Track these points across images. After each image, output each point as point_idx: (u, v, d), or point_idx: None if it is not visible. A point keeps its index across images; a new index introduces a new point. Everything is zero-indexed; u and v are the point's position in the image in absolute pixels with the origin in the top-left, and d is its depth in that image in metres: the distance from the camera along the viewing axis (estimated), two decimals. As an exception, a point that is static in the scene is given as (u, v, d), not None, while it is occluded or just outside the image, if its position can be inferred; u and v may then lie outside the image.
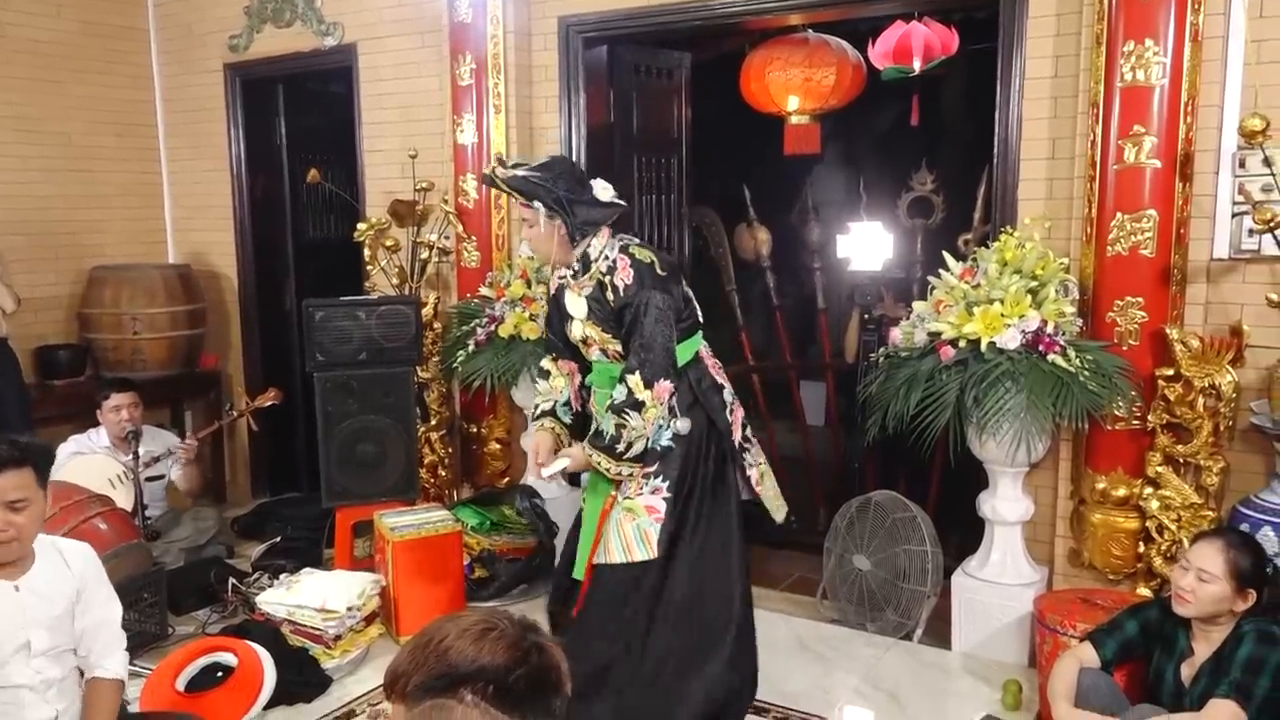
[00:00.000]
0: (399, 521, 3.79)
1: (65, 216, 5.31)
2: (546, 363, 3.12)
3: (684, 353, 2.82)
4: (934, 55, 3.95)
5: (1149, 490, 3.17)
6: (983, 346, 3.12)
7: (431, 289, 4.68)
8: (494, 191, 4.41)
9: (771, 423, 5.79)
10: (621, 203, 2.88)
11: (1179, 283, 3.13)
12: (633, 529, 2.78)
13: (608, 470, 2.76)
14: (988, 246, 3.38)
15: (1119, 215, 3.14)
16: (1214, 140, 3.11)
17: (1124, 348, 3.17)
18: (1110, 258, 3.17)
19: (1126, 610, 2.71)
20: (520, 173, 2.81)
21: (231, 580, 4.02)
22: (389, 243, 4.54)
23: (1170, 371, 3.08)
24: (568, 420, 3.04)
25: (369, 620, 3.55)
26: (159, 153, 5.75)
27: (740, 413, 2.97)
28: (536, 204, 2.80)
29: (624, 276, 2.77)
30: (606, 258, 2.80)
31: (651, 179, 4.66)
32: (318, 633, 3.38)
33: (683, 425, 2.78)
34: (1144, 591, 3.19)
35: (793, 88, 4.75)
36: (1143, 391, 3.15)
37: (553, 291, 2.99)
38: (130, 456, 4.16)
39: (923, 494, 4.59)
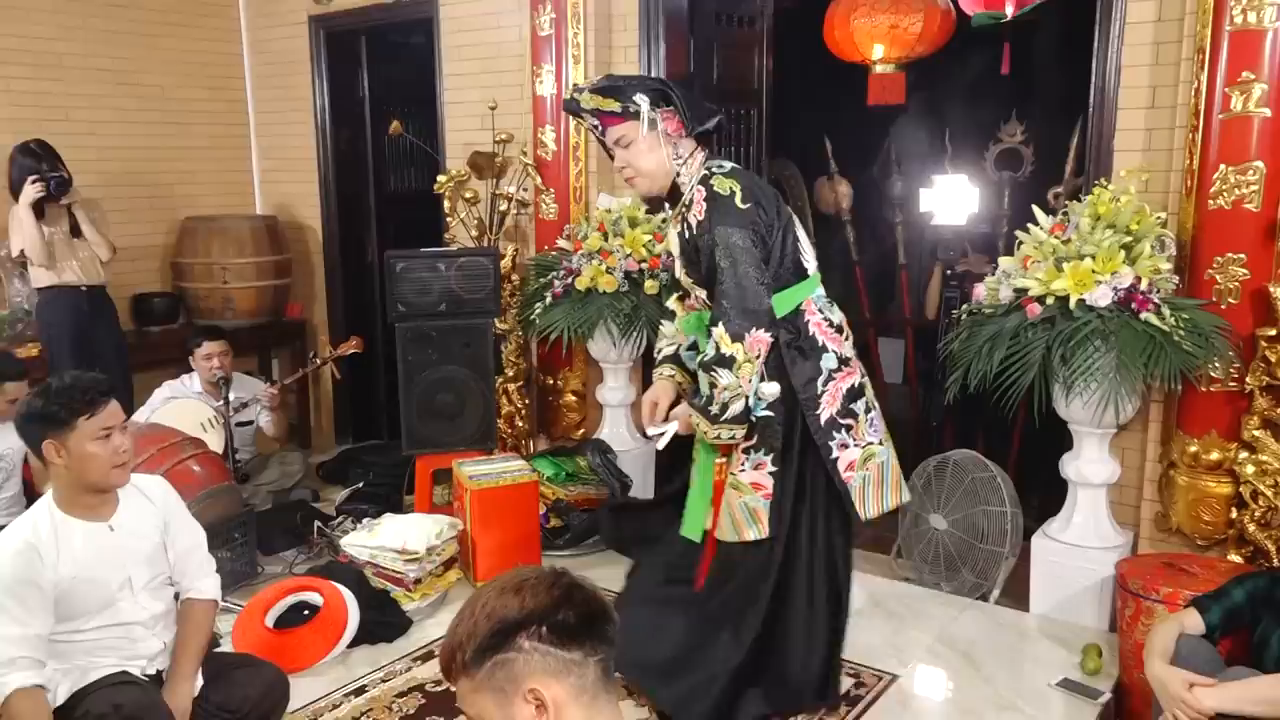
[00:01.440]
0: (477, 470, 3.86)
1: (160, 168, 5.46)
2: (671, 302, 2.87)
3: (781, 304, 2.55)
4: (1028, 1, 3.80)
5: (1244, 455, 3.06)
6: (1072, 304, 3.03)
7: (510, 241, 4.71)
8: (573, 143, 4.41)
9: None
10: (718, 111, 2.60)
11: (1285, 239, 2.98)
12: (741, 507, 2.63)
13: (704, 435, 2.56)
14: (1079, 200, 3.26)
15: (1222, 167, 2.99)
16: (1330, 87, 2.94)
17: (1223, 306, 3.04)
18: (1211, 212, 3.03)
19: (1234, 579, 2.62)
20: (604, 81, 2.61)
21: (317, 523, 4.15)
22: (468, 195, 4.57)
23: (1272, 331, 2.95)
24: (694, 367, 2.68)
25: (448, 565, 3.63)
26: (247, 105, 5.86)
27: (847, 380, 2.64)
28: (638, 99, 2.51)
29: (697, 212, 2.52)
30: (692, 187, 2.55)
31: (731, 131, 4.59)
32: (399, 575, 3.47)
33: (769, 389, 2.55)
34: (1234, 558, 3.09)
35: (878, 35, 4.62)
36: (1241, 352, 3.02)
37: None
38: (221, 402, 4.30)
39: (1003, 454, 4.50)
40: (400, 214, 5.79)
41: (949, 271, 5.11)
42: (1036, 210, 3.30)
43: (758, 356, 2.47)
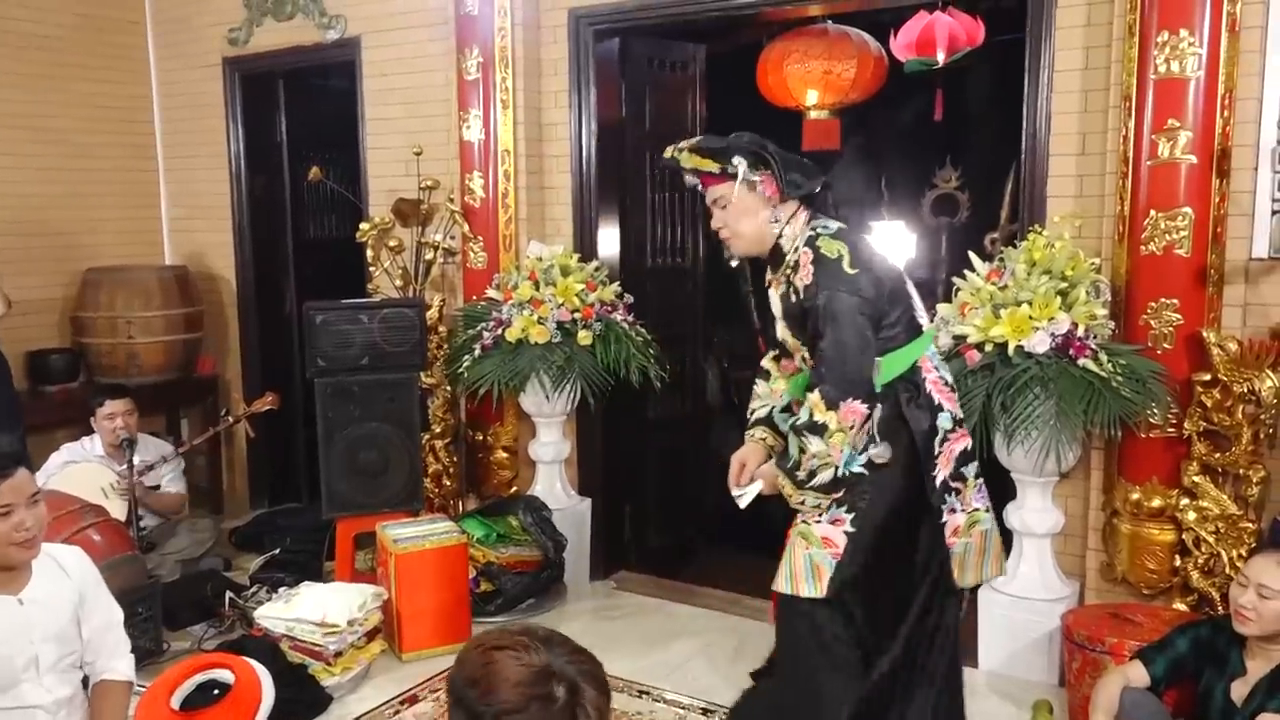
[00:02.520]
0: (402, 533, 3.80)
1: (59, 216, 5.35)
2: (767, 361, 2.89)
3: (892, 365, 2.55)
4: (959, 47, 3.95)
5: (1185, 501, 3.16)
6: (1010, 350, 3.12)
7: (436, 291, 4.69)
8: (502, 190, 4.43)
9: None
10: (821, 171, 2.62)
11: (1216, 284, 3.12)
12: (804, 559, 2.58)
13: (790, 498, 2.57)
14: (1015, 246, 3.37)
15: (1153, 213, 3.13)
16: (1252, 135, 3.10)
17: (1158, 351, 3.16)
18: (1144, 257, 3.16)
19: (1177, 628, 2.69)
20: (704, 142, 2.62)
21: (228, 594, 4.04)
22: (392, 243, 4.55)
23: (1207, 376, 3.07)
24: (785, 429, 2.69)
25: (371, 636, 3.55)
26: (156, 150, 5.79)
27: (960, 444, 2.63)
28: (736, 161, 2.53)
29: (804, 275, 2.52)
30: (796, 249, 2.57)
31: (664, 177, 4.66)
32: (318, 648, 3.39)
33: (880, 452, 2.52)
34: (1180, 606, 3.17)
35: (812, 81, 4.76)
36: (1178, 398, 3.14)
37: (767, 283, 2.75)
38: (124, 465, 4.18)
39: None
40: (320, 263, 5.73)
41: (889, 319, 5.20)
42: (973, 256, 3.40)
43: (851, 427, 2.46)
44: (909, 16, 4.09)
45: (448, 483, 4.63)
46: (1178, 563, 3.20)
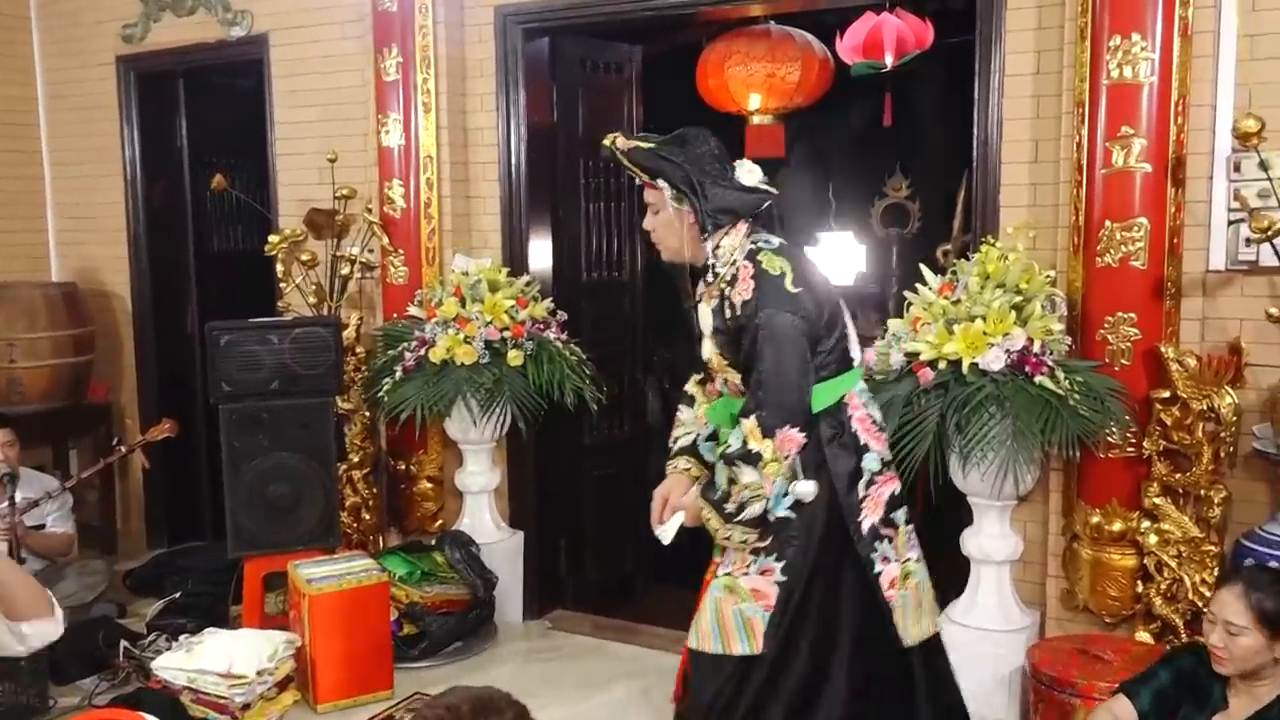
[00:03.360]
0: (316, 572, 3.74)
1: (-69, 229, 5.21)
2: (691, 386, 2.89)
3: (819, 397, 2.54)
4: (907, 50, 4.04)
5: (1146, 524, 3.23)
6: (964, 368, 3.17)
7: (353, 309, 4.65)
8: (424, 199, 4.41)
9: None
10: (768, 189, 2.66)
11: (1173, 297, 3.21)
12: (734, 614, 2.55)
13: (715, 533, 2.54)
14: (968, 258, 3.43)
15: (1108, 224, 3.21)
16: (1207, 143, 3.21)
17: (1116, 368, 3.23)
18: (1099, 269, 3.24)
19: (1160, 659, 2.72)
20: (644, 145, 2.64)
21: (123, 643, 3.93)
22: (305, 257, 4.50)
23: (1166, 394, 3.15)
24: (712, 459, 2.67)
25: (282, 686, 3.49)
26: (41, 157, 5.67)
27: (889, 488, 2.64)
28: (661, 182, 2.60)
29: (743, 290, 2.53)
30: (733, 263, 2.58)
31: (600, 185, 4.68)
32: (223, 701, 3.33)
33: (805, 488, 2.52)
34: (1143, 635, 3.24)
35: (754, 85, 4.82)
36: (1137, 416, 3.22)
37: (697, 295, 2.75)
38: (4, 503, 4.06)
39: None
40: (225, 279, 5.65)
41: (838, 335, 5.27)
42: (924, 269, 3.46)
43: (786, 457, 2.46)
44: (855, 18, 4.17)
45: (367, 516, 4.57)
46: (1140, 589, 3.27)
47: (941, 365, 3.21)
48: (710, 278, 2.65)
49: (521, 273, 4.41)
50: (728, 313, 2.59)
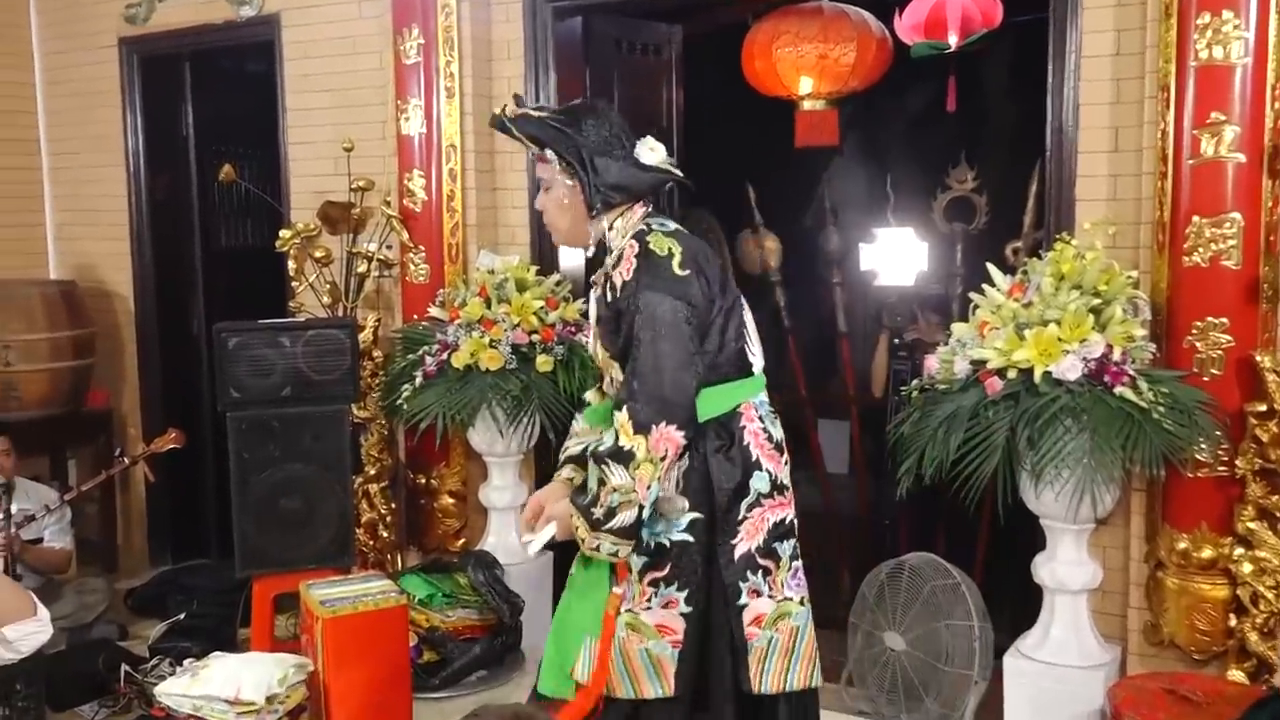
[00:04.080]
0: (330, 593, 3.76)
1: (-77, 223, 5.31)
2: (591, 394, 2.87)
3: (708, 403, 2.51)
4: (973, 29, 4.00)
5: (1240, 551, 3.18)
6: (1036, 377, 3.14)
7: (371, 309, 4.68)
8: (447, 191, 4.43)
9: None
10: (671, 170, 2.63)
11: (1270, 300, 3.16)
12: (641, 655, 2.52)
13: (582, 542, 2.47)
14: (1040, 256, 3.41)
15: (1196, 219, 3.17)
16: (1308, 130, 3.16)
17: (1205, 378, 3.19)
18: (1187, 270, 3.20)
19: (1255, 703, 2.68)
20: (534, 114, 2.60)
21: (124, 667, 3.98)
22: (319, 253, 4.54)
23: (1262, 407, 3.10)
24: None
25: (294, 715, 3.51)
26: (39, 146, 5.76)
27: (777, 514, 2.60)
28: (550, 155, 2.57)
29: (624, 270, 2.49)
30: (632, 245, 2.53)
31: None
32: (230, 731, 3.34)
33: (680, 505, 2.48)
34: (1236, 674, 3.20)
35: (805, 67, 4.80)
36: (1229, 431, 3.17)
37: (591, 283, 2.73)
38: (0, 516, 4.13)
39: (967, 557, 4.58)
40: (234, 277, 5.71)
41: (897, 340, 5.25)
42: (992, 269, 3.43)
43: (663, 458, 2.39)
44: (916, -7, 4.14)
45: (384, 534, 4.60)
46: (1233, 623, 3.22)
47: (1011, 374, 3.19)
48: (602, 262, 2.63)
49: (552, 271, 4.43)
50: (609, 296, 2.54)
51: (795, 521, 2.69)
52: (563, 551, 4.50)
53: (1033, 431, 3.11)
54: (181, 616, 4.56)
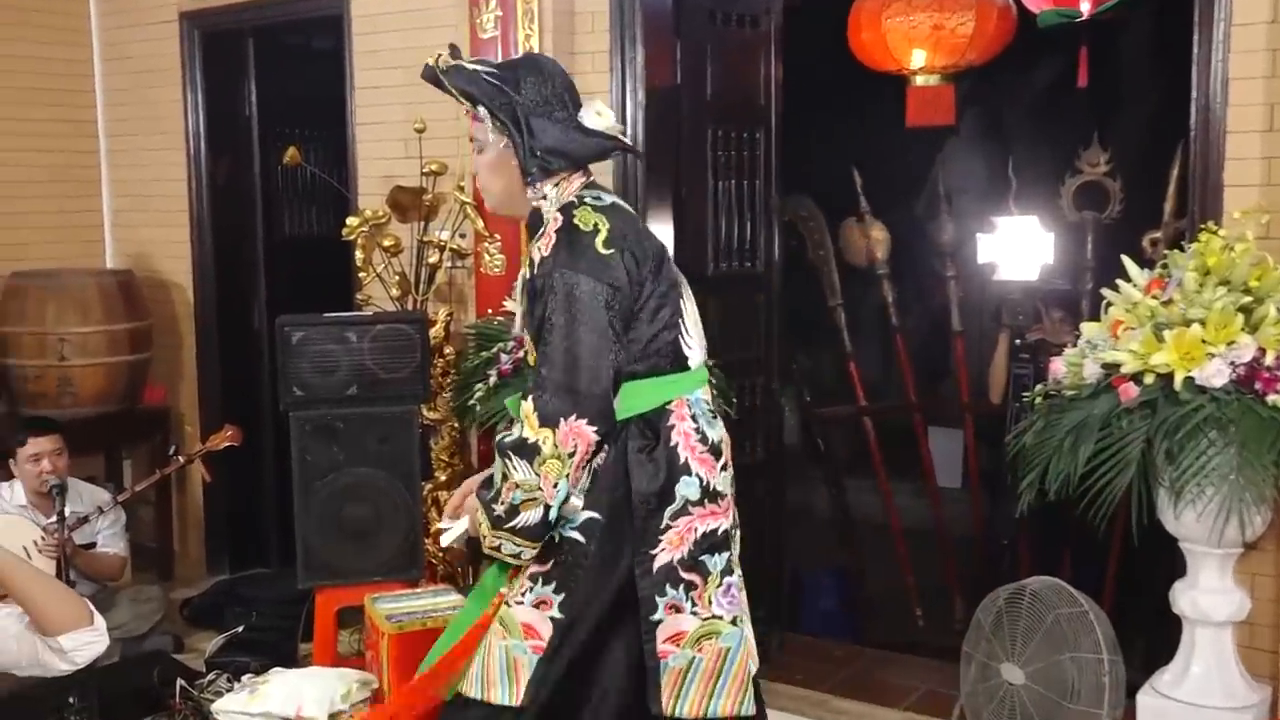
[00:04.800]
0: (397, 608, 3.81)
1: (-23, 208, 5.49)
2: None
3: (633, 398, 2.47)
4: (1108, -5, 3.93)
5: None
6: (1177, 384, 3.07)
7: (442, 303, 4.74)
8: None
9: (889, 483, 5.73)
10: (619, 138, 2.61)
11: None
12: (500, 654, 2.51)
13: (483, 540, 2.45)
14: (1183, 248, 3.33)
15: (1364, 207, 3.08)
16: None
17: (1372, 386, 3.09)
18: (1353, 264, 3.11)
19: None
20: (468, 65, 2.57)
21: (180, 682, 4.06)
22: (388, 242, 4.61)
23: None
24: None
25: (357, 737, 3.57)
26: (96, 127, 5.93)
27: (708, 522, 2.53)
28: (482, 113, 2.54)
29: (543, 245, 2.45)
30: (556, 218, 2.49)
31: (730, 159, 4.66)
32: (290, 752, 3.41)
33: (574, 503, 2.44)
34: (1403, 720, 3.10)
35: (918, 39, 4.75)
36: (1399, 446, 3.07)
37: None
38: (52, 518, 4.25)
39: (1096, 582, 4.52)
40: (298, 267, 5.82)
41: (1018, 341, 5.17)
42: (1127, 262, 3.37)
43: (571, 454, 2.35)
44: (1044, -45, 4.08)
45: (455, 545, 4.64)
46: (1399, 661, 3.12)
47: (1148, 380, 3.12)
48: (533, 236, 2.57)
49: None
50: (529, 274, 2.51)
51: (733, 532, 2.62)
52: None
53: (1172, 444, 3.04)
54: (240, 629, 4.65)
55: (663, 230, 4.57)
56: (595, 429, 2.37)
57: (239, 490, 5.66)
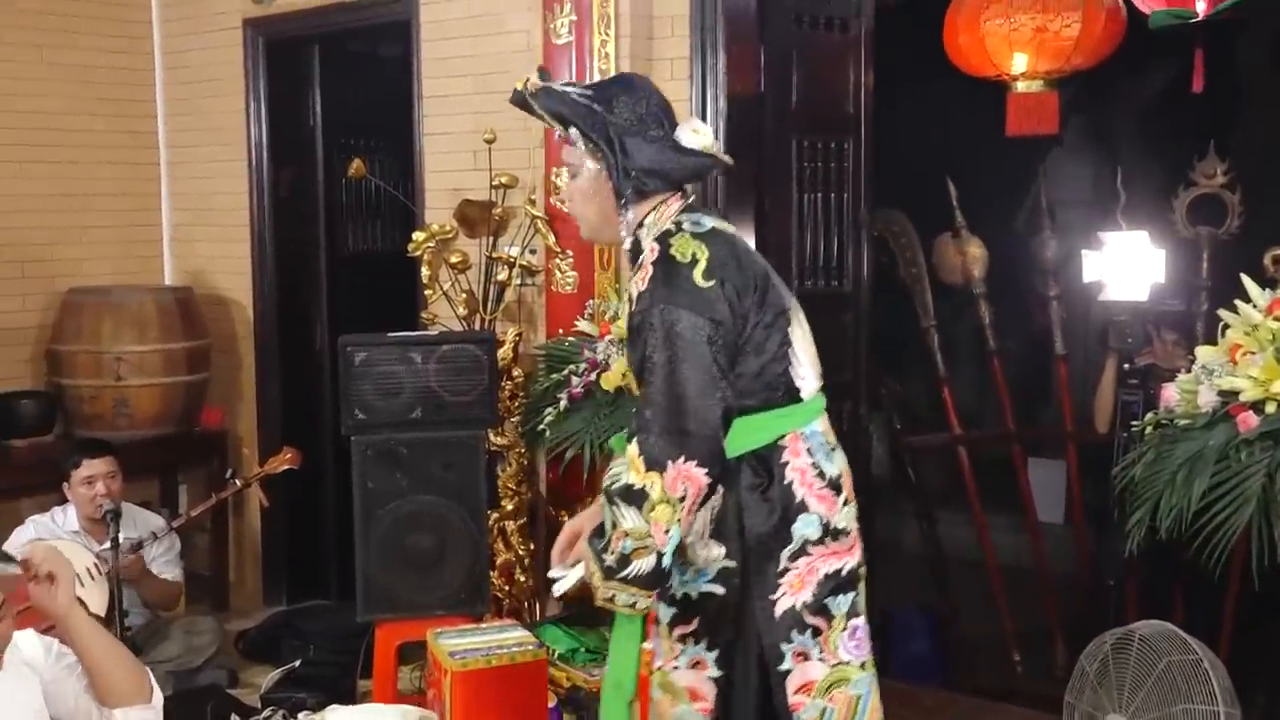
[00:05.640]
0: (461, 644, 3.83)
1: (35, 222, 5.63)
2: None
3: (750, 431, 2.48)
4: (1225, -6, 3.88)
5: None
6: (1302, 413, 3.02)
7: (511, 322, 4.77)
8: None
9: (985, 517, 5.67)
10: (718, 156, 2.63)
11: None
12: None
13: (595, 590, 2.44)
14: (1309, 267, 3.28)
15: None
16: None
17: None
18: None
19: None
20: (558, 87, 2.60)
21: (234, 717, 4.13)
22: (455, 258, 4.65)
23: None
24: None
25: (417, 778, 3.59)
26: (157, 138, 6.07)
27: (831, 562, 2.54)
28: (573, 133, 2.56)
29: (640, 279, 2.47)
30: (653, 248, 2.49)
31: (817, 171, 4.66)
32: (348, 793, 3.44)
33: (709, 554, 2.46)
34: None
35: (1020, 42, 4.72)
36: None
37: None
38: (107, 544, 4.32)
39: (1212, 627, 4.42)
40: (362, 284, 5.89)
41: (1126, 366, 5.10)
42: (1247, 281, 3.31)
43: (681, 499, 2.35)
44: (1156, -47, 4.05)
45: (522, 578, 4.66)
46: None
47: (1270, 409, 3.07)
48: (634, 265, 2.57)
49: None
50: (625, 309, 2.53)
51: (859, 571, 2.61)
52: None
53: (1296, 478, 2.99)
54: (297, 664, 4.69)
55: (744, 246, 4.58)
56: (705, 471, 2.36)
57: (297, 518, 5.73)
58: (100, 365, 5.38)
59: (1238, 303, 3.28)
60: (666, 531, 2.34)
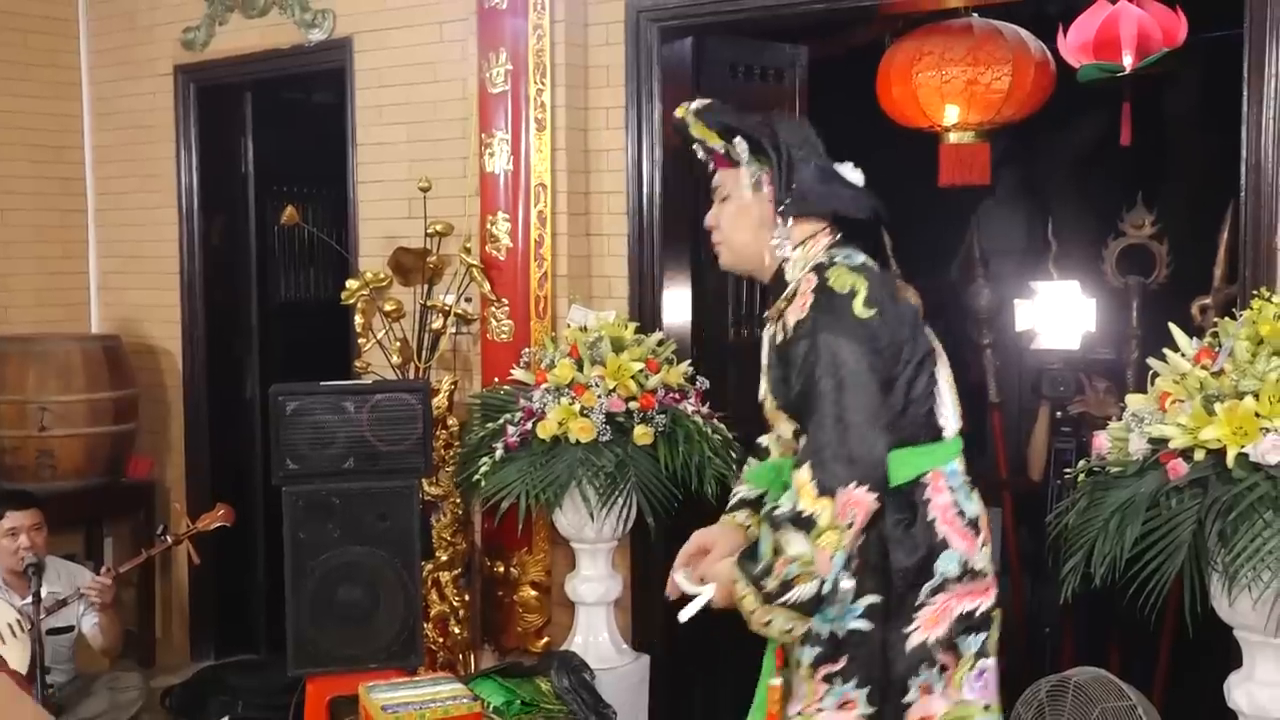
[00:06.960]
0: (394, 697, 3.79)
1: (-43, 269, 5.56)
2: (767, 438, 2.87)
3: (894, 466, 2.48)
4: (1152, 48, 3.96)
5: None
6: (1230, 460, 3.06)
7: (446, 371, 4.76)
8: (534, 236, 4.50)
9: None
10: (874, 200, 2.68)
11: None
12: None
13: (749, 615, 2.46)
14: (1234, 316, 3.34)
15: None
16: None
17: None
18: None
19: None
20: (709, 111, 2.65)
21: (160, 776, 4.06)
22: (389, 306, 4.64)
23: None
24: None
25: (348, 838, 3.54)
26: (84, 185, 6.02)
27: (966, 602, 2.56)
28: (738, 144, 2.59)
29: (799, 308, 2.49)
30: (810, 279, 2.51)
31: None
32: None
33: (845, 586, 2.44)
34: None
35: (951, 94, 4.80)
36: None
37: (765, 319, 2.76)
38: (28, 599, 4.25)
39: (1145, 674, 4.46)
40: (294, 333, 5.87)
41: (1059, 414, 5.17)
42: (1175, 330, 3.37)
43: (849, 525, 2.37)
44: (1083, 7, 4.13)
45: (456, 630, 4.63)
46: None
47: (1199, 456, 3.11)
48: (777, 296, 2.62)
49: (653, 329, 4.46)
50: (779, 337, 2.55)
51: (993, 613, 2.65)
52: (667, 650, 4.50)
53: (1225, 525, 3.02)
54: (226, 719, 4.63)
55: (680, 294, 4.61)
56: (874, 495, 2.39)
57: (227, 570, 5.65)
58: (24, 415, 5.31)
59: (1166, 351, 3.33)
60: (831, 558, 2.37)
